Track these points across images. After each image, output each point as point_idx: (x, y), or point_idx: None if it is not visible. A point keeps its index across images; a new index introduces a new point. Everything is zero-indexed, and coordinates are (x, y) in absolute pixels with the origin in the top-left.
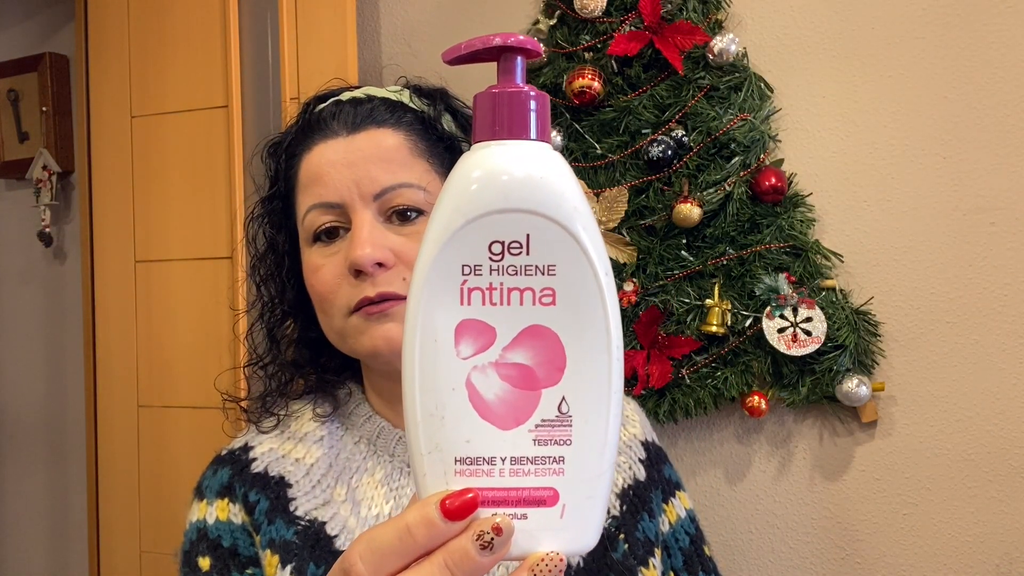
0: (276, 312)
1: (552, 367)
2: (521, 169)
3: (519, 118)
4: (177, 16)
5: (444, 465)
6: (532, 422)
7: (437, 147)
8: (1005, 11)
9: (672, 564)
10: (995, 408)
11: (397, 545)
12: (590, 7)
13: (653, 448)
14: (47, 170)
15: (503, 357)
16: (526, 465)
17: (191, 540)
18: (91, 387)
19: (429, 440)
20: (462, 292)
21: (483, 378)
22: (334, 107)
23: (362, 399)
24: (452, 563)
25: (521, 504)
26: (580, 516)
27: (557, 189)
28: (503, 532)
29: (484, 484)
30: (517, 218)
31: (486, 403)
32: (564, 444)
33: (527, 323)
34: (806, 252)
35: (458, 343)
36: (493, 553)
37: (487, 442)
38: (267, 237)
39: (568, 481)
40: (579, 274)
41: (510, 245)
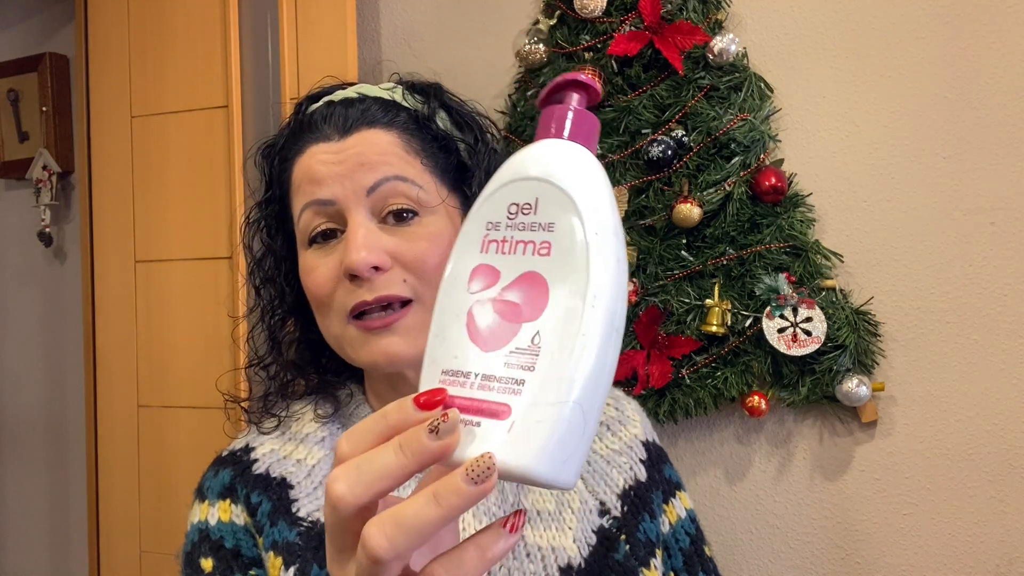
0: (276, 315)
1: (536, 306)
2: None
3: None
4: (177, 16)
5: (434, 375)
6: (508, 348)
7: (431, 146)
8: (1005, 11)
9: (672, 564)
10: (995, 408)
11: (372, 426)
12: (590, 7)
13: (654, 448)
14: (47, 170)
15: (501, 295)
16: (492, 382)
17: (193, 541)
18: (91, 387)
19: (430, 355)
20: (483, 243)
21: (481, 309)
22: (326, 109)
23: (363, 400)
24: (403, 441)
25: (478, 413)
26: (527, 436)
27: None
28: (448, 420)
29: (456, 392)
30: (532, 184)
31: (478, 329)
32: (527, 369)
33: (525, 269)
34: (806, 252)
35: (471, 281)
36: (439, 438)
37: (468, 359)
38: (264, 241)
39: (522, 402)
40: (571, 231)
41: (523, 206)
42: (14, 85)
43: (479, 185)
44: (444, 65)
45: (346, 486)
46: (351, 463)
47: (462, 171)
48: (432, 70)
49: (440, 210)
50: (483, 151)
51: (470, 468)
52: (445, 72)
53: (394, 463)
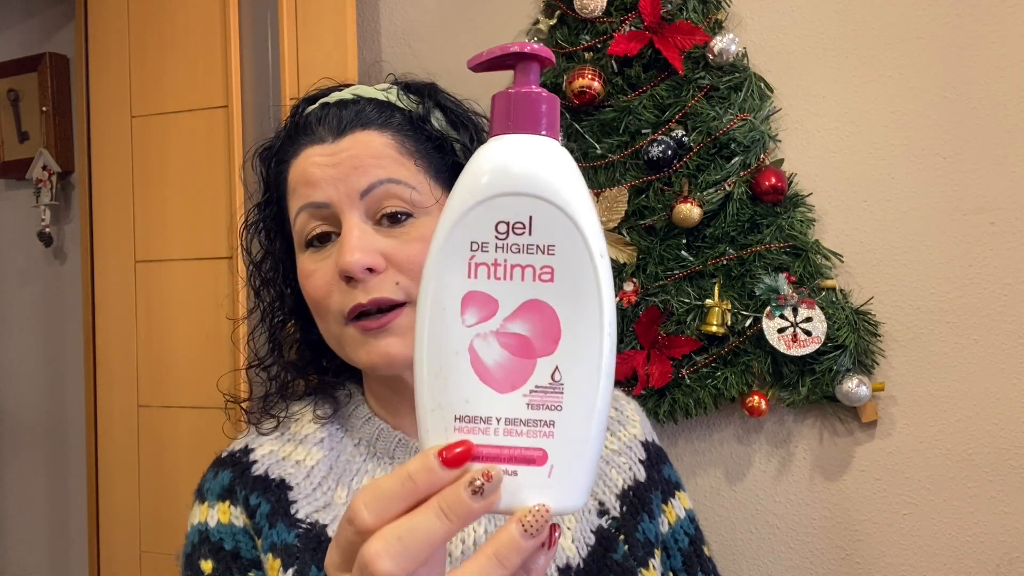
0: (276, 317)
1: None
2: (528, 158)
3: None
4: (177, 16)
5: (445, 422)
6: (527, 387)
7: (426, 147)
8: (1005, 11)
9: (671, 564)
10: (995, 408)
11: (399, 491)
12: (590, 7)
13: (653, 448)
14: (47, 170)
15: (503, 327)
16: (519, 426)
17: (193, 543)
18: (91, 387)
19: (433, 398)
20: (470, 266)
21: (484, 345)
22: (320, 111)
23: (361, 401)
24: (446, 506)
25: (512, 461)
26: (567, 477)
27: (559, 176)
28: (492, 479)
29: (480, 441)
30: (522, 201)
31: (486, 367)
32: (555, 409)
33: (527, 297)
34: (806, 252)
35: (464, 312)
36: (483, 499)
37: (484, 403)
38: (262, 244)
39: (557, 443)
40: (576, 254)
41: (514, 225)
42: (14, 85)
43: None
44: (444, 65)
45: (393, 563)
46: (391, 535)
47: (457, 171)
48: (432, 70)
49: (434, 211)
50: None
51: (527, 523)
52: (445, 72)
53: (440, 531)
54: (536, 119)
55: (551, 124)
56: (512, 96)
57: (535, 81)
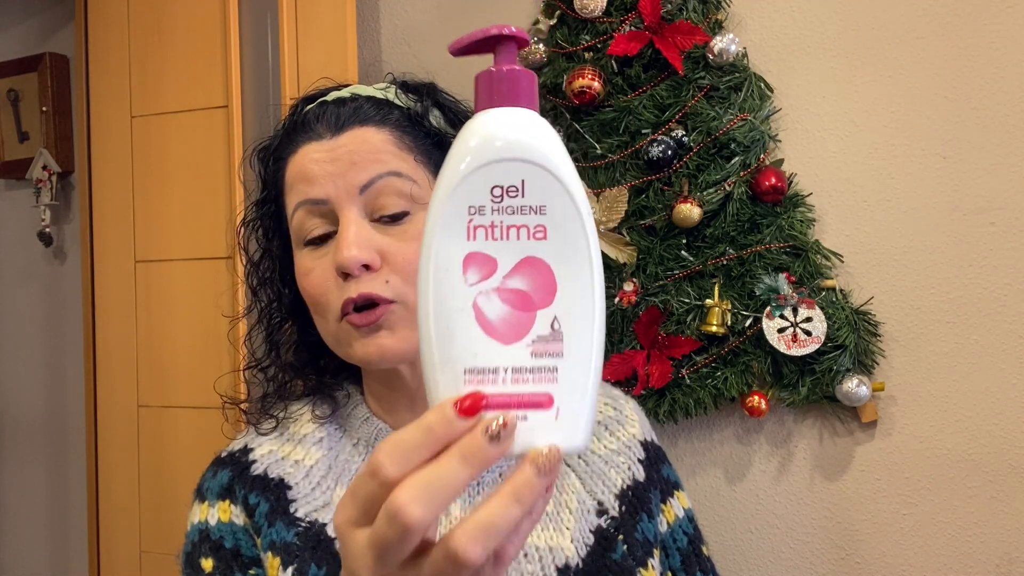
0: (274, 316)
1: (545, 292)
2: (516, 127)
3: (512, 90)
4: (177, 16)
5: (455, 375)
6: (529, 338)
7: (424, 143)
8: (1005, 11)
9: (670, 564)
10: (995, 408)
11: (420, 442)
12: (590, 7)
13: (652, 448)
14: (47, 170)
15: (504, 283)
16: (525, 374)
17: (193, 542)
18: (91, 387)
19: (441, 354)
20: (468, 229)
21: (487, 301)
22: (319, 108)
23: (360, 401)
24: (468, 453)
25: (522, 407)
26: (572, 418)
27: (546, 143)
28: (508, 425)
29: (490, 390)
30: (514, 166)
31: (490, 322)
32: (557, 356)
33: (523, 255)
34: (806, 252)
35: (465, 271)
36: (500, 444)
37: (491, 355)
38: (260, 242)
39: (561, 388)
40: (566, 213)
41: (508, 189)
42: (14, 85)
43: None
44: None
45: (423, 508)
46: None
47: None
48: (432, 70)
49: None
50: None
51: (541, 463)
52: (444, 72)
53: (463, 476)
54: (517, 94)
55: (531, 98)
56: (494, 74)
57: (514, 61)
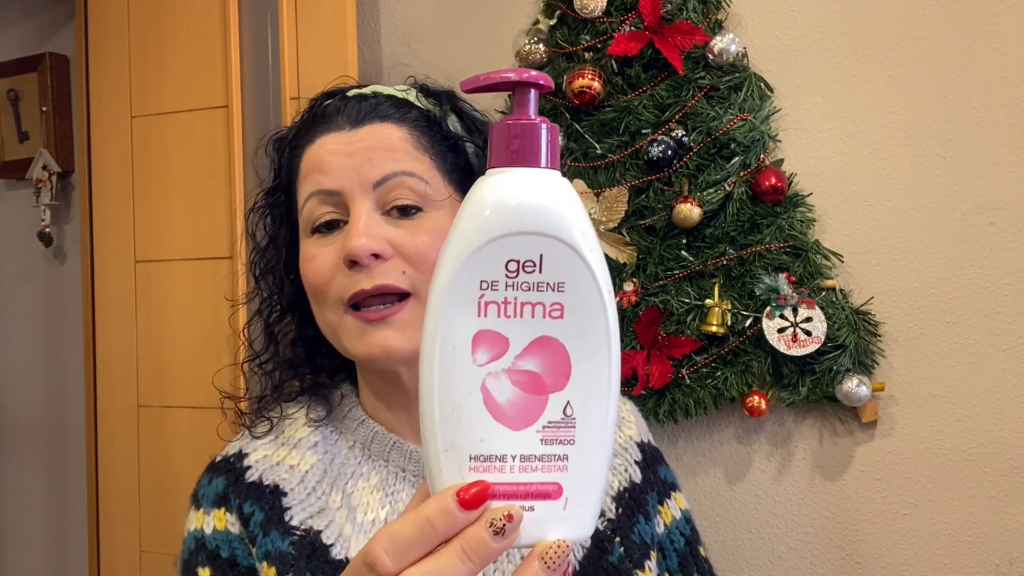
0: (274, 307)
1: (559, 374)
2: (535, 194)
3: (532, 147)
4: (177, 16)
5: (459, 462)
6: (540, 423)
7: (441, 145)
8: (1005, 11)
9: (667, 565)
10: (995, 408)
11: (418, 535)
12: (590, 7)
13: (649, 450)
14: (47, 170)
15: (515, 364)
16: (534, 462)
17: (190, 550)
18: (91, 387)
19: (446, 439)
20: (479, 305)
21: (496, 383)
22: (339, 102)
23: (355, 403)
24: (469, 548)
25: (529, 497)
26: (581, 508)
27: (567, 214)
28: (513, 519)
29: (496, 479)
30: (532, 240)
31: (499, 406)
32: (568, 443)
33: (537, 334)
34: (806, 252)
35: (475, 351)
36: (504, 539)
37: (499, 441)
38: (267, 230)
39: (571, 477)
40: (585, 291)
41: (524, 264)
42: (14, 85)
43: None
44: (444, 65)
45: None
46: None
47: (469, 172)
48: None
49: (445, 205)
50: None
51: (549, 559)
52: (445, 72)
53: (463, 572)
54: (538, 150)
55: (552, 155)
56: (512, 127)
57: (534, 109)
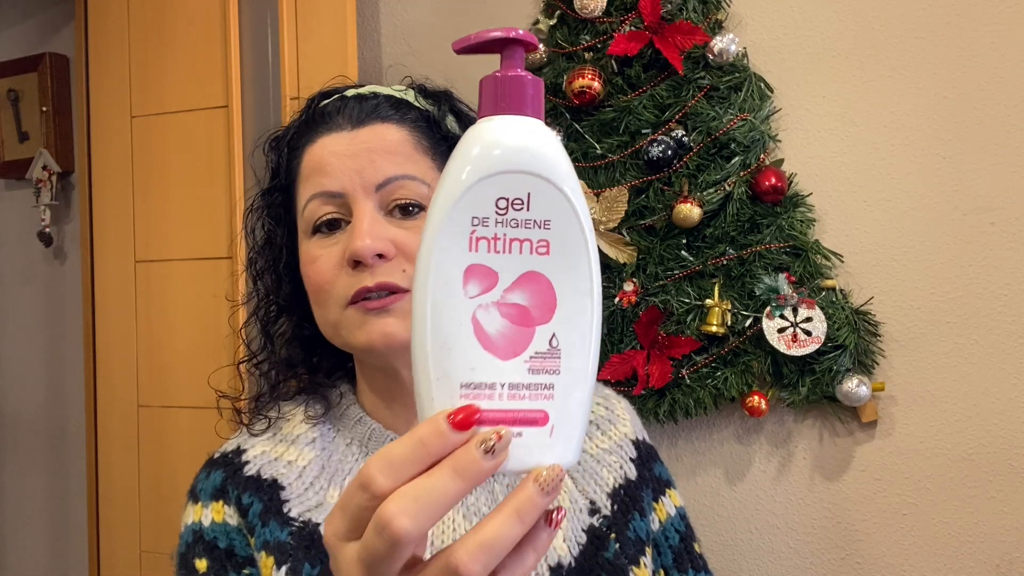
0: (271, 307)
1: (545, 308)
2: (523, 137)
3: (518, 97)
4: (177, 16)
5: (451, 389)
6: (527, 354)
7: (440, 146)
8: (1005, 11)
9: (662, 562)
10: (995, 408)
11: (411, 455)
12: (590, 7)
13: (644, 447)
14: (47, 170)
15: (504, 298)
16: (521, 391)
17: (187, 542)
18: (91, 387)
19: (438, 367)
20: (471, 240)
21: (486, 315)
22: (339, 102)
23: (353, 400)
24: (460, 467)
25: (517, 423)
26: (565, 435)
27: (553, 156)
28: (503, 439)
29: (485, 405)
30: (521, 178)
31: (488, 336)
32: (554, 373)
33: (525, 269)
34: (806, 252)
35: (466, 284)
36: (494, 458)
37: (488, 370)
38: (266, 230)
39: (556, 405)
40: (569, 229)
41: (513, 201)
42: (14, 85)
43: None
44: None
45: (412, 521)
46: (407, 495)
47: None
48: (432, 70)
49: None
50: None
51: (543, 481)
52: (445, 72)
53: (453, 490)
54: (523, 101)
55: (537, 106)
56: (500, 79)
57: (520, 65)
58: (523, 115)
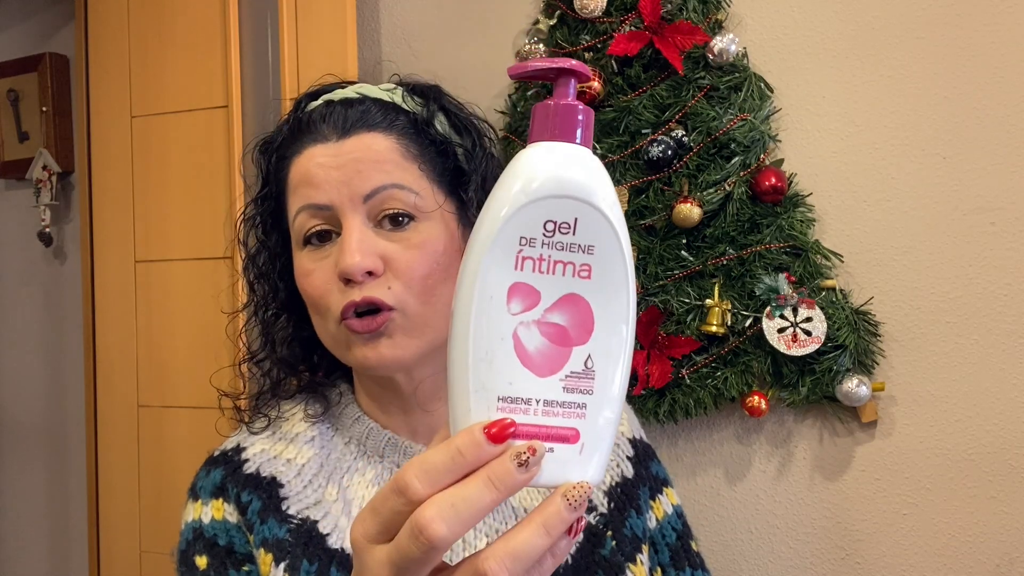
0: (269, 311)
1: (583, 329)
2: (574, 164)
3: (570, 125)
4: (177, 16)
5: (488, 402)
6: (563, 373)
7: (429, 151)
8: (1005, 11)
9: (659, 560)
10: (995, 408)
11: (448, 463)
12: (590, 7)
13: (641, 445)
14: (47, 170)
15: (545, 317)
16: (555, 407)
17: (187, 540)
18: (91, 387)
19: (477, 380)
20: (517, 259)
21: (527, 332)
22: (325, 108)
23: (352, 400)
24: (495, 477)
25: (549, 439)
26: (594, 454)
27: (601, 184)
28: (536, 453)
29: (521, 420)
30: (569, 203)
31: (528, 353)
32: (587, 393)
33: (566, 291)
34: (806, 252)
35: (509, 301)
36: (527, 471)
37: (525, 385)
38: (258, 237)
39: (587, 424)
40: (612, 256)
41: (560, 225)
42: (14, 85)
43: (476, 190)
44: (444, 65)
45: (447, 527)
46: (444, 502)
47: (458, 175)
48: (432, 70)
49: (435, 216)
50: (480, 156)
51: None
52: (445, 72)
53: (488, 499)
54: (574, 129)
55: (587, 134)
56: (552, 107)
57: (573, 94)
58: (573, 143)
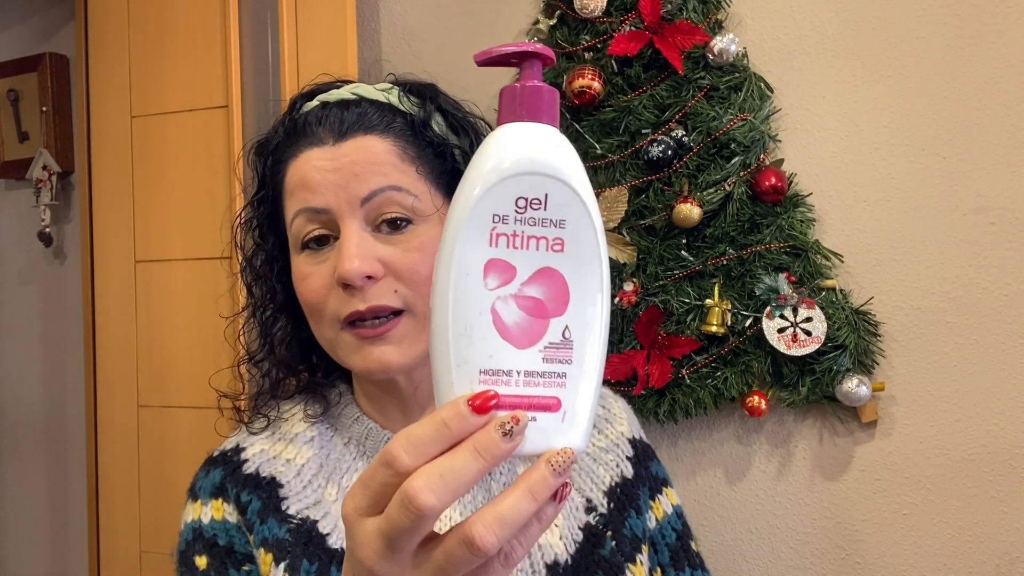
0: (267, 313)
1: (559, 301)
2: (542, 143)
3: (536, 106)
4: (177, 16)
5: (470, 375)
6: (542, 344)
7: (426, 152)
8: (1005, 11)
9: (659, 560)
10: (995, 408)
11: (434, 435)
12: (590, 7)
13: (640, 445)
14: (47, 170)
15: (521, 291)
16: (536, 378)
17: (187, 540)
18: (91, 387)
19: (458, 354)
20: (491, 236)
21: (504, 306)
22: (321, 110)
23: (351, 400)
24: (480, 447)
25: (532, 408)
26: (576, 421)
27: (569, 161)
28: (520, 422)
29: (503, 391)
30: (539, 180)
31: (506, 326)
32: (566, 363)
33: (541, 265)
34: (806, 252)
35: (486, 276)
36: (511, 440)
37: (506, 358)
38: (256, 240)
39: (568, 392)
40: (583, 229)
41: (532, 201)
42: (14, 85)
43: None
44: (444, 65)
45: (436, 496)
46: (433, 472)
47: (456, 176)
48: (432, 70)
49: (434, 218)
50: None
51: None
52: (444, 72)
53: (475, 468)
54: (541, 109)
55: (553, 114)
56: (519, 89)
57: (538, 77)
58: (540, 122)
